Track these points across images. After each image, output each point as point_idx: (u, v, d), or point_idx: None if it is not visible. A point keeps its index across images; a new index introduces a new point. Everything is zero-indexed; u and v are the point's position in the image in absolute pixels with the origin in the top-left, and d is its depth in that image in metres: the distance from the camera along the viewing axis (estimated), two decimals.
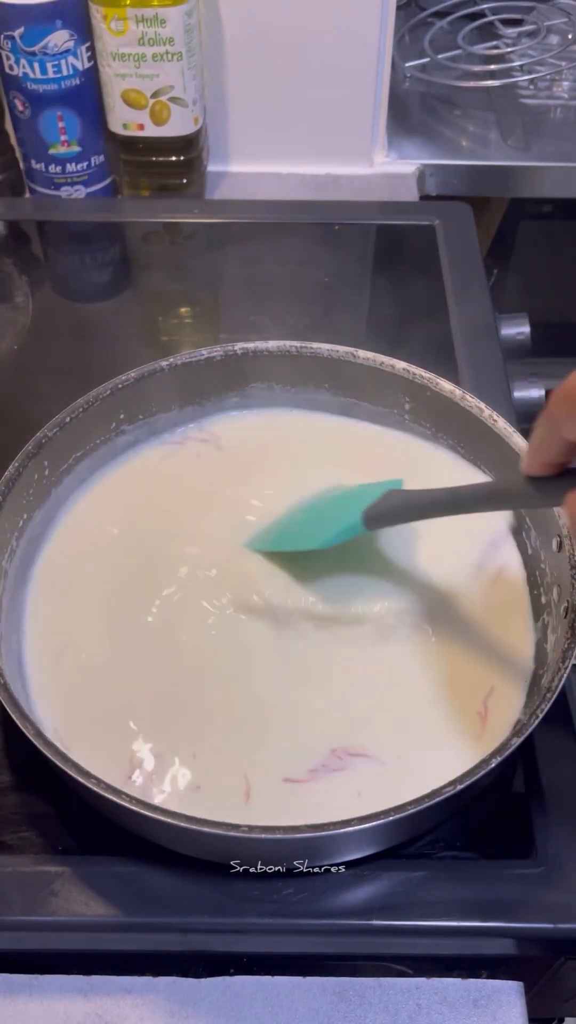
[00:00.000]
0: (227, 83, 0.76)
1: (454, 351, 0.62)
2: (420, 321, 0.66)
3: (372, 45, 0.74)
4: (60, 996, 0.40)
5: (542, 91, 0.89)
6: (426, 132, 0.84)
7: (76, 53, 0.69)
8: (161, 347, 0.66)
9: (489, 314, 0.65)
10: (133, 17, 0.67)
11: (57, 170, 0.74)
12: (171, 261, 0.73)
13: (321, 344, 0.51)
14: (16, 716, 0.37)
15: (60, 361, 0.64)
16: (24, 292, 0.70)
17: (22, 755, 0.43)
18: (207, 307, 0.70)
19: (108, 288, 0.72)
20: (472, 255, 0.70)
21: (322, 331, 0.63)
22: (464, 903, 0.39)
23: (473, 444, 0.50)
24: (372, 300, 0.69)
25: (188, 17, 0.68)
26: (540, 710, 0.37)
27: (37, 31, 0.66)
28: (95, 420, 0.49)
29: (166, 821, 0.35)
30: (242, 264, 0.72)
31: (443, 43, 0.90)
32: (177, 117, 0.72)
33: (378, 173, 0.81)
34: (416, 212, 0.75)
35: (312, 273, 0.70)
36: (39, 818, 0.42)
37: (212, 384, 0.53)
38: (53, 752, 0.36)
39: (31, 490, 0.47)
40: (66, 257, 0.75)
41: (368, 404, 0.53)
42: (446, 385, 0.49)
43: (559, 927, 0.38)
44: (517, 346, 0.66)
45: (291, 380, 0.53)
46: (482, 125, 0.85)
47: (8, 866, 0.40)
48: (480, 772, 0.36)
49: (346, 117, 0.78)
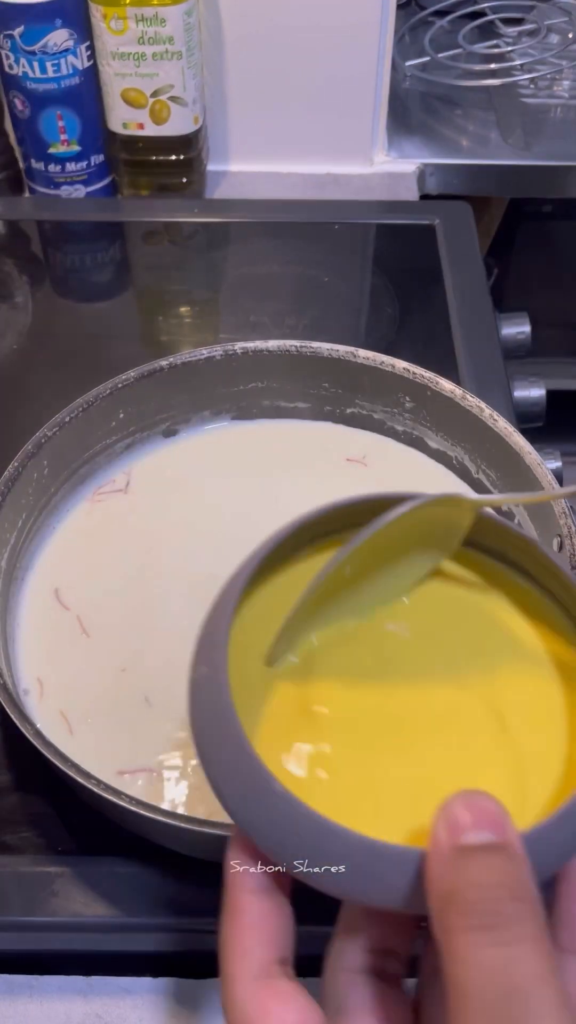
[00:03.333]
0: (227, 82, 0.76)
1: (454, 350, 0.62)
2: (420, 320, 0.66)
3: (372, 44, 0.73)
4: (60, 997, 0.40)
5: (542, 90, 0.88)
6: (426, 131, 0.84)
7: (76, 52, 0.69)
8: (161, 346, 0.66)
9: (489, 313, 0.65)
10: (133, 16, 0.67)
11: (57, 169, 0.74)
12: (171, 260, 0.73)
13: (321, 344, 0.51)
14: (15, 716, 0.37)
15: (60, 360, 0.64)
16: (23, 291, 0.70)
17: (22, 755, 0.43)
18: (207, 307, 0.70)
19: (108, 287, 0.72)
20: (472, 254, 0.70)
21: (322, 330, 0.63)
22: None
23: (473, 444, 0.50)
24: (372, 299, 0.69)
25: (188, 16, 0.68)
26: None
27: (36, 30, 0.66)
28: (94, 420, 0.49)
29: (166, 821, 0.35)
30: (242, 263, 0.72)
31: (443, 42, 0.90)
32: (177, 116, 0.72)
33: (378, 172, 0.81)
34: (416, 211, 0.75)
35: (312, 272, 0.70)
36: (39, 818, 0.42)
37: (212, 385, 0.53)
38: (52, 752, 0.36)
39: (30, 490, 0.47)
40: (66, 256, 0.75)
41: (367, 404, 0.53)
42: (446, 384, 0.49)
43: None
44: (517, 346, 0.66)
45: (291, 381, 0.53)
46: (482, 124, 0.85)
47: (8, 866, 0.40)
48: None
49: (346, 116, 0.78)
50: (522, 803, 0.24)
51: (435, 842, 0.20)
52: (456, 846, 0.20)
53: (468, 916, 0.19)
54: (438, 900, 0.20)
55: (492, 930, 0.19)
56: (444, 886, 0.20)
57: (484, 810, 0.20)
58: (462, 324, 0.63)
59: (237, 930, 0.22)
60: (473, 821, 0.20)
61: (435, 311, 0.65)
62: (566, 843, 0.22)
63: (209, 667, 0.23)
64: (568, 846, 0.22)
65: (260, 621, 0.26)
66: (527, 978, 0.18)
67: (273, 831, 0.22)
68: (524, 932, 0.19)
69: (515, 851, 0.20)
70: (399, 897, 0.21)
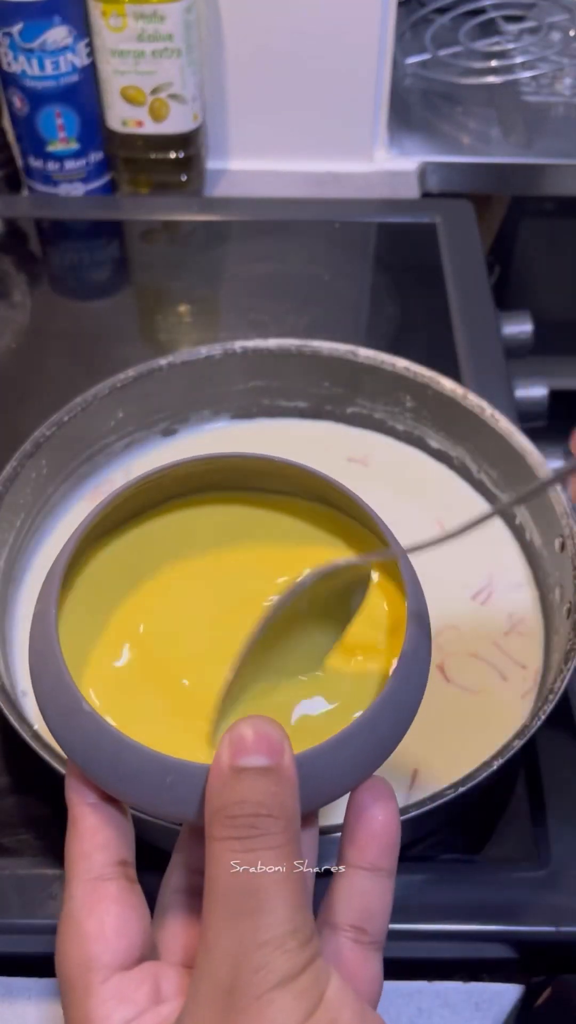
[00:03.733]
0: (226, 80, 0.76)
1: (455, 349, 0.61)
2: (421, 319, 0.66)
3: (373, 41, 0.73)
4: (59, 999, 0.40)
5: (544, 88, 0.88)
6: (427, 129, 0.84)
7: (75, 49, 0.68)
8: (160, 345, 0.66)
9: (491, 312, 0.65)
10: (132, 13, 0.66)
11: (55, 167, 0.74)
12: (170, 259, 0.73)
13: (321, 342, 0.51)
14: (13, 718, 0.37)
15: (58, 359, 0.63)
16: (22, 290, 0.70)
17: (20, 757, 0.42)
18: (206, 305, 0.70)
19: (106, 286, 0.72)
20: (474, 253, 0.70)
21: (322, 329, 0.63)
22: (466, 906, 0.39)
23: (474, 443, 0.50)
24: (373, 298, 0.69)
25: (187, 13, 0.67)
26: (543, 712, 0.37)
27: (35, 27, 0.66)
28: (93, 419, 0.49)
29: (165, 823, 0.34)
30: (241, 262, 0.72)
31: (444, 39, 0.90)
32: (176, 114, 0.72)
33: (379, 170, 0.81)
34: (417, 209, 0.75)
35: (312, 271, 0.70)
36: (37, 820, 0.42)
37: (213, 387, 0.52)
38: (51, 754, 0.36)
39: (28, 489, 0.46)
40: (64, 255, 0.74)
41: (368, 403, 0.53)
42: (447, 384, 0.49)
43: (561, 930, 0.38)
44: (519, 344, 0.66)
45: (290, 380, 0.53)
46: (484, 122, 0.85)
47: (6, 869, 0.40)
48: (482, 774, 0.35)
49: (347, 114, 0.78)
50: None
51: (216, 761, 0.23)
52: (234, 766, 0.22)
53: (227, 828, 0.22)
54: (210, 813, 0.23)
55: (243, 840, 0.22)
56: (217, 801, 0.23)
57: (265, 734, 0.23)
58: (463, 323, 0.63)
59: (77, 837, 0.25)
60: (254, 745, 0.22)
61: (436, 310, 0.65)
62: (340, 765, 0.24)
63: (43, 603, 0.26)
64: (343, 768, 0.24)
65: (101, 571, 0.29)
66: (266, 879, 0.22)
67: (82, 747, 0.24)
68: (270, 842, 0.22)
69: (285, 774, 0.23)
70: (189, 810, 0.24)
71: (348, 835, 0.26)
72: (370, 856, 0.25)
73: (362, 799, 0.26)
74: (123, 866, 0.25)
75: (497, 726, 0.41)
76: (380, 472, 0.52)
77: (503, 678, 0.43)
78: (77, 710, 0.24)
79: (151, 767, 0.23)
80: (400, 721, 0.25)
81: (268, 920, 0.22)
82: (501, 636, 0.45)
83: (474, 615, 0.46)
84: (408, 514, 0.46)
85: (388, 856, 0.26)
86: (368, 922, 0.26)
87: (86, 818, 0.25)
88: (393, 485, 0.51)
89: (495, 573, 0.47)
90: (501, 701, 0.43)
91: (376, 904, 0.26)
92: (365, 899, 0.26)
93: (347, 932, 0.25)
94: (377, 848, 0.25)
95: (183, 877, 0.28)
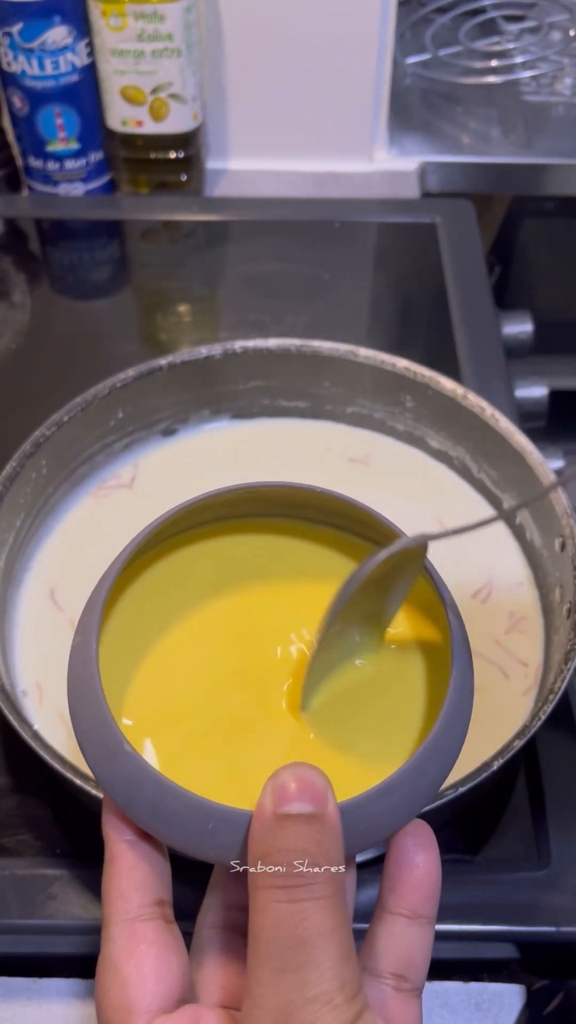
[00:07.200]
0: (226, 79, 0.76)
1: (455, 349, 0.61)
2: (421, 319, 0.66)
3: (373, 41, 0.73)
4: (58, 1000, 0.40)
5: (544, 88, 0.88)
6: (427, 129, 0.84)
7: (75, 49, 0.68)
8: (160, 345, 0.65)
9: (491, 312, 0.65)
10: (132, 13, 0.66)
11: (55, 167, 0.74)
12: (170, 259, 0.72)
13: (322, 342, 0.51)
14: (13, 718, 0.37)
15: (58, 359, 0.63)
16: (22, 290, 0.70)
17: (20, 757, 0.42)
18: (206, 305, 0.70)
19: (106, 286, 0.72)
20: (474, 252, 0.70)
21: (322, 329, 0.63)
22: (466, 906, 0.39)
23: (475, 443, 0.50)
24: (373, 298, 0.69)
25: (187, 13, 0.67)
26: (543, 711, 0.37)
27: (35, 27, 0.66)
28: (93, 419, 0.49)
29: None
30: (242, 261, 0.72)
31: (444, 39, 0.90)
32: (176, 114, 0.72)
33: (379, 170, 0.81)
34: (417, 209, 0.75)
35: (312, 270, 0.70)
36: (37, 821, 0.41)
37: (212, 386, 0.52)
38: (51, 754, 0.36)
39: (28, 489, 0.46)
40: (64, 255, 0.74)
41: (368, 403, 0.52)
42: (447, 383, 0.49)
43: (561, 931, 0.38)
44: (519, 344, 0.66)
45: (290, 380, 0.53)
46: (484, 122, 0.85)
47: (6, 869, 0.40)
48: (483, 775, 0.35)
49: (346, 114, 0.78)
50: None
51: (259, 807, 0.23)
52: (277, 813, 0.22)
53: (271, 876, 0.22)
54: (254, 860, 0.22)
55: (288, 889, 0.22)
56: (260, 848, 0.22)
57: (309, 782, 0.22)
58: (464, 322, 0.63)
59: (115, 875, 0.25)
60: (297, 792, 0.22)
61: (436, 309, 0.65)
62: (384, 814, 0.24)
63: (83, 636, 0.25)
64: (387, 817, 0.24)
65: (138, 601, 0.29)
66: (313, 932, 0.21)
67: (123, 787, 0.24)
68: (316, 892, 0.22)
69: (329, 822, 0.22)
70: (230, 855, 0.23)
71: (389, 881, 0.25)
72: (411, 903, 0.25)
73: (404, 845, 0.25)
74: (160, 906, 0.25)
75: (499, 724, 0.41)
76: (380, 472, 0.52)
77: (505, 675, 0.43)
78: (118, 751, 0.23)
79: (193, 812, 0.23)
80: (444, 766, 0.25)
81: (315, 975, 0.21)
82: (502, 634, 0.45)
83: (475, 613, 0.46)
84: (408, 514, 0.46)
85: (430, 904, 0.25)
86: (408, 970, 0.25)
87: (124, 856, 0.25)
88: (393, 485, 0.51)
89: (495, 573, 0.47)
90: (503, 698, 0.43)
91: (417, 952, 0.25)
92: (406, 947, 0.25)
93: (388, 980, 0.25)
94: (419, 896, 0.25)
95: (219, 913, 0.28)
